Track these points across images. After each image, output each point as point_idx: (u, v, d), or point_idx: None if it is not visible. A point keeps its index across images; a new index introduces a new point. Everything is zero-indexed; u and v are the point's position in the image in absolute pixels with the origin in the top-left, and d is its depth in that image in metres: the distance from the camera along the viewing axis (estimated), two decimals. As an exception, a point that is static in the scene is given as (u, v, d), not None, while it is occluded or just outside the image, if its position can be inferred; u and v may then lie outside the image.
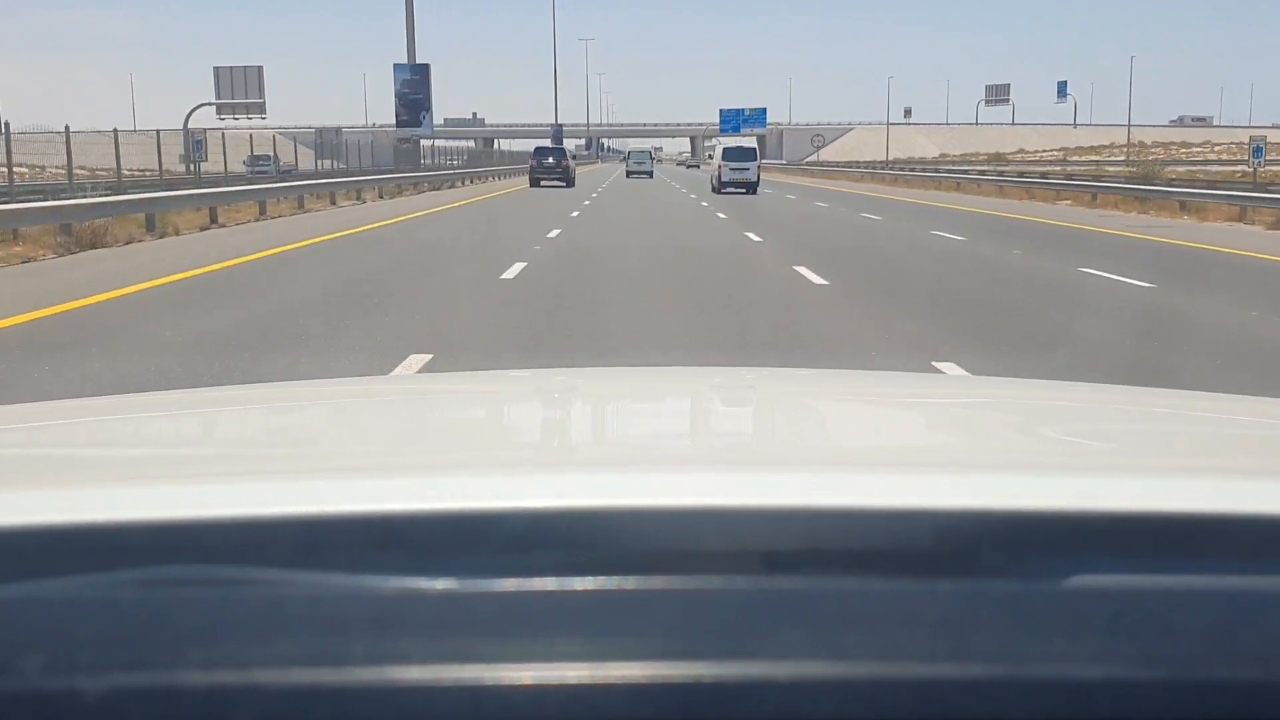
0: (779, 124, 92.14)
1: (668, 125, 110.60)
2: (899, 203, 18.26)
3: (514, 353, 3.85)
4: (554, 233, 9.33)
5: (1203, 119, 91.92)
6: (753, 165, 23.80)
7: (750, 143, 26.61)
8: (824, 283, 6.02)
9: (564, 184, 20.76)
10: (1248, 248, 9.29)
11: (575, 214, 12.14)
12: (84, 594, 0.42)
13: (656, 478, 0.55)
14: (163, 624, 0.39)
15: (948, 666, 0.38)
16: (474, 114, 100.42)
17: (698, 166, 56.83)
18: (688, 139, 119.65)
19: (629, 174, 32.79)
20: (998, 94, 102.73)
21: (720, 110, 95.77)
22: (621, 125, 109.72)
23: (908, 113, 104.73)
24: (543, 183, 20.72)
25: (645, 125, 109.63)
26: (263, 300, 5.13)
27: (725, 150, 25.89)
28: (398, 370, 3.60)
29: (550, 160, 21.65)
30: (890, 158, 74.88)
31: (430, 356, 3.76)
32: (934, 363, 3.65)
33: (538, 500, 0.48)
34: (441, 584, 0.42)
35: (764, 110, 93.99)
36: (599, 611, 0.40)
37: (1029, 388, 1.40)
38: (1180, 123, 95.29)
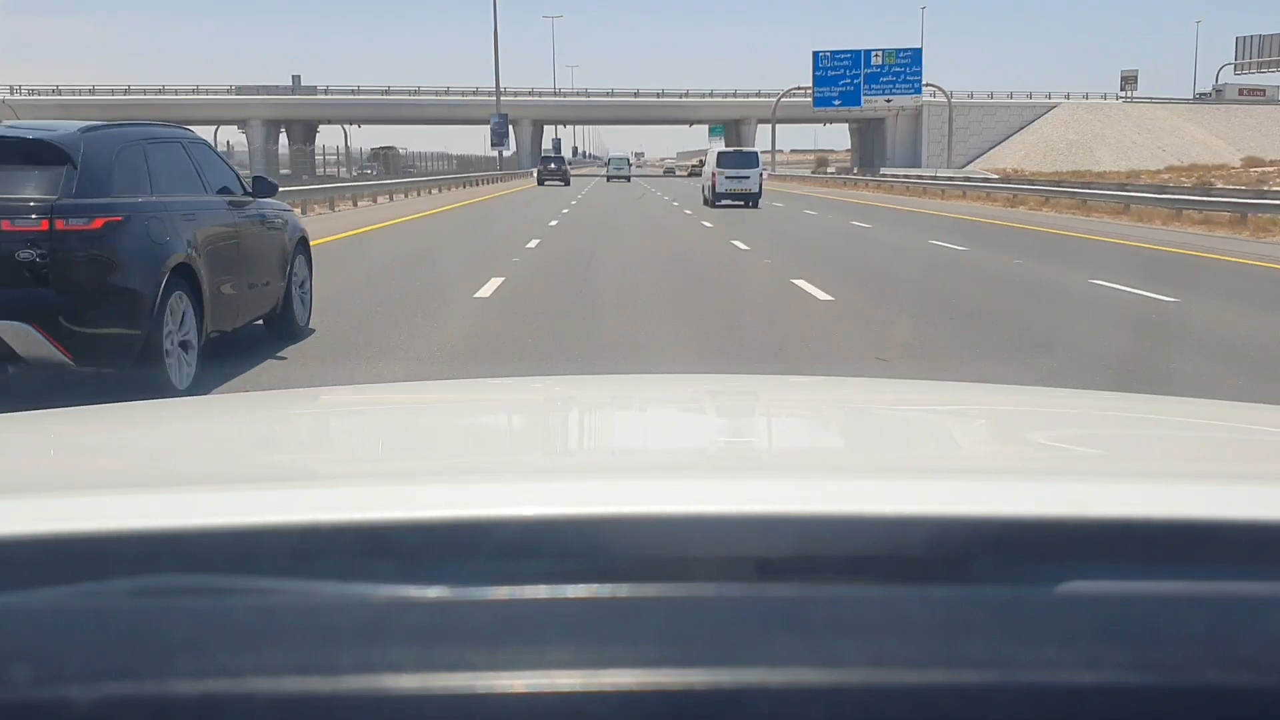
0: (927, 90, 71.63)
1: (679, 100, 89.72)
2: None
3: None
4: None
5: (1261, 90, 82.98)
6: (754, 173, 29.46)
7: (758, 145, 44.38)
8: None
9: (562, 183, 40.01)
10: None
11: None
12: (73, 603, 0.54)
13: (649, 485, 0.68)
14: (153, 633, 0.50)
15: (940, 673, 0.48)
16: (295, 78, 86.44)
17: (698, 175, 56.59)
18: (705, 128, 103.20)
19: (609, 178, 56.46)
20: (1264, 51, 68.95)
21: (814, 55, 74.05)
22: (595, 95, 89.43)
23: (1128, 82, 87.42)
24: (546, 182, 40.72)
25: (641, 98, 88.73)
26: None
27: (720, 155, 30.77)
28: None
29: (553, 166, 43.25)
30: (1144, 162, 60.52)
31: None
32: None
33: (530, 508, 0.62)
34: (433, 592, 0.54)
35: (916, 55, 71.01)
36: (592, 619, 0.52)
37: (1020, 394, 1.80)
38: (1216, 96, 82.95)
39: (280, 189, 6.27)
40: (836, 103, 67.14)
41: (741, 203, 28.96)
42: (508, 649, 0.50)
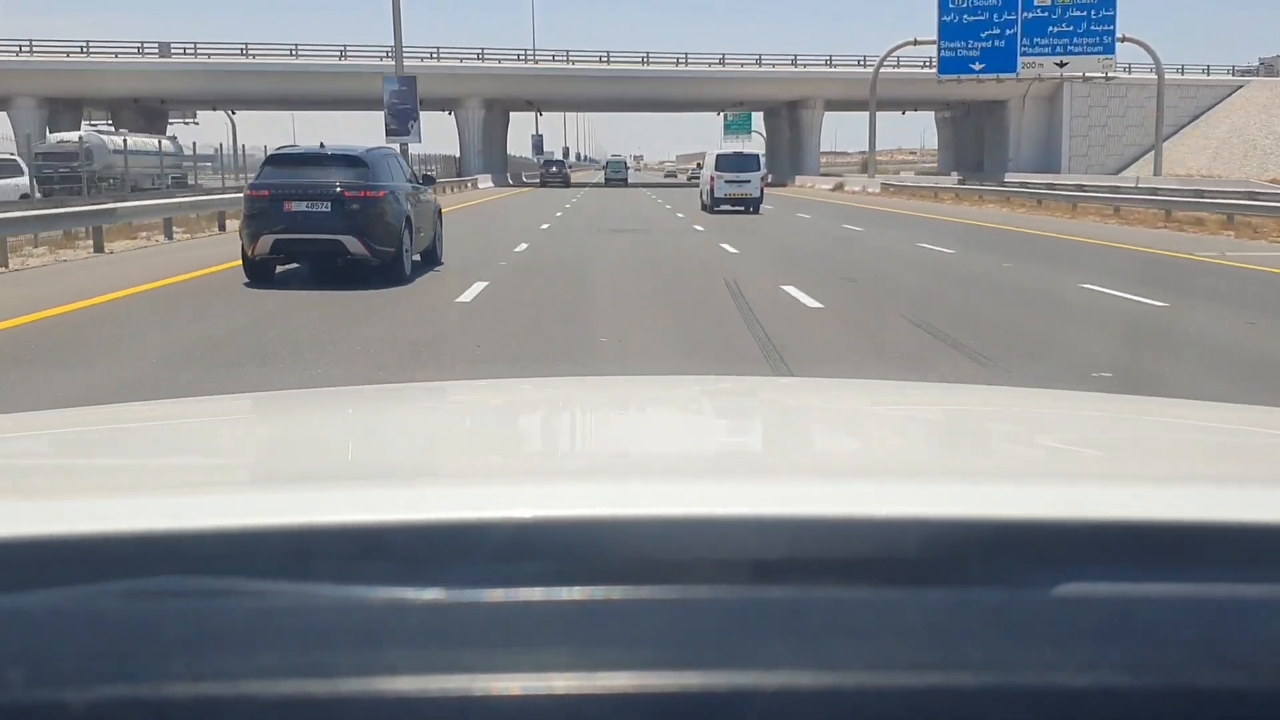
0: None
1: (711, 71, 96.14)
2: None
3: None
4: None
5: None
6: (754, 176, 45.82)
7: (753, 148, 58.09)
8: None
9: (563, 185, 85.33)
10: None
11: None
12: (69, 606, 0.92)
13: (644, 487, 1.17)
14: (148, 635, 0.87)
15: (936, 675, 0.83)
16: (162, 45, 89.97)
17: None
18: (722, 116, 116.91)
19: (607, 180, 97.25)
20: None
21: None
22: (582, 61, 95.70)
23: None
24: (548, 184, 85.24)
25: (653, 68, 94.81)
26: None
27: (719, 158, 48.04)
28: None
29: (554, 169, 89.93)
30: None
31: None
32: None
33: (526, 510, 1.04)
34: (429, 594, 0.92)
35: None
36: (587, 621, 0.90)
37: (1016, 396, 3.03)
38: (1266, 70, 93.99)
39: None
40: (976, 67, 68.57)
41: (741, 208, 44.64)
42: (504, 651, 0.85)
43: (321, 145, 19.89)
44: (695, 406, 2.38)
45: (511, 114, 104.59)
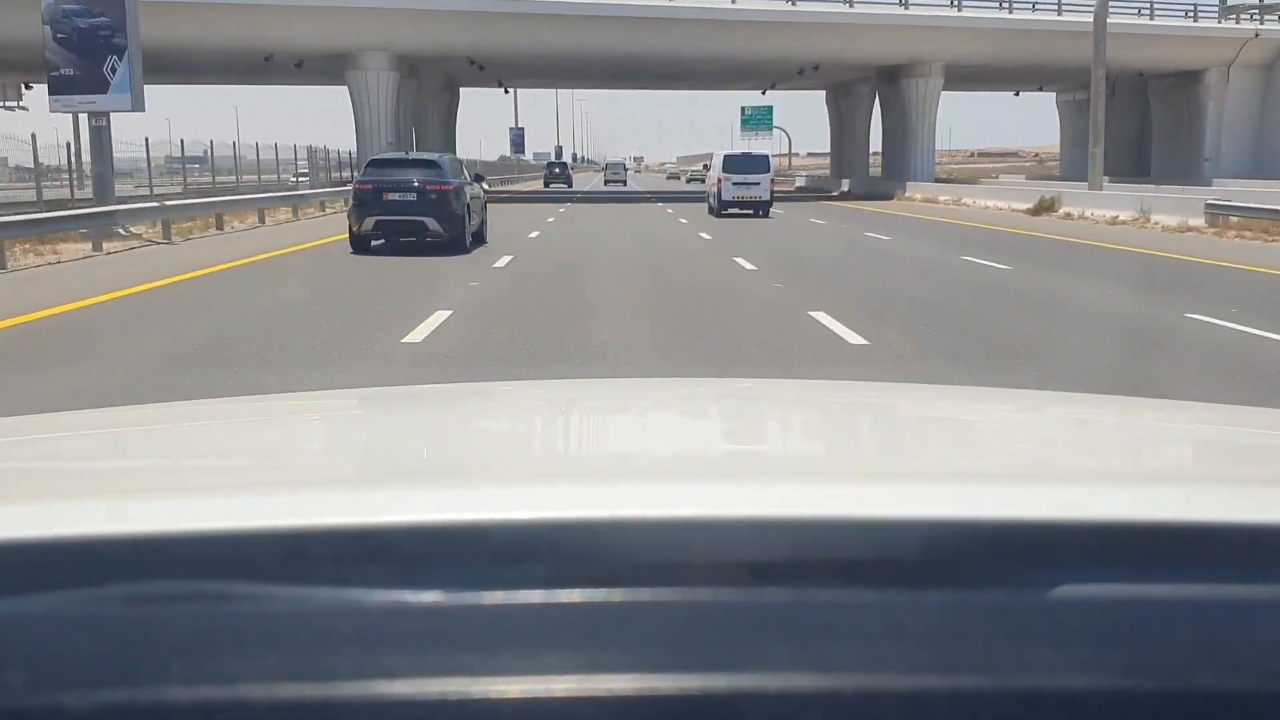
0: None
1: (766, 11, 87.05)
2: None
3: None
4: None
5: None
6: (763, 179, 64.86)
7: (764, 148, 74.96)
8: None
9: (566, 185, 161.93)
10: None
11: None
12: (68, 610, 1.40)
13: (643, 489, 1.93)
14: (147, 639, 1.31)
15: (935, 677, 1.26)
16: None
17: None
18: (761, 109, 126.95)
19: (607, 181, 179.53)
20: None
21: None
22: None
23: None
24: (551, 185, 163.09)
25: (677, 3, 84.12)
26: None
27: (727, 159, 66.45)
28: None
29: (557, 170, 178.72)
30: None
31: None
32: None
33: (525, 512, 1.65)
34: (428, 597, 1.43)
35: None
36: (586, 623, 1.35)
37: (1013, 398, 4.91)
38: None
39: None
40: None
41: (750, 211, 60.89)
42: (503, 654, 1.25)
43: (407, 152, 42.59)
44: (694, 408, 3.53)
45: (470, 93, 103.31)
